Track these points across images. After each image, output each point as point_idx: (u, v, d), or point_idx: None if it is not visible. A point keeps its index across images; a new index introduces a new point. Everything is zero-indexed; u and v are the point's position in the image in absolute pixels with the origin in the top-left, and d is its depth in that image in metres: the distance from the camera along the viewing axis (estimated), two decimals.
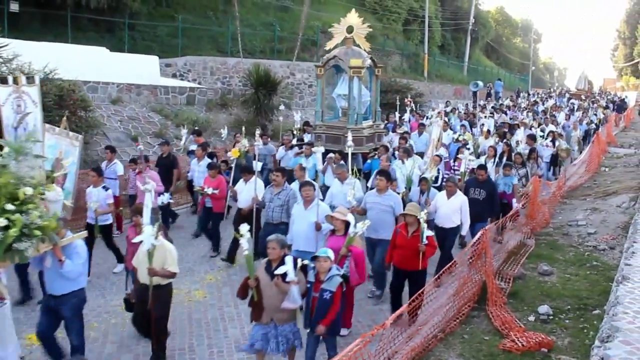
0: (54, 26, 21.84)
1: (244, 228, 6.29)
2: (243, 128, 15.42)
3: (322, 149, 11.89)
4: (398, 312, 6.07)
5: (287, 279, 6.02)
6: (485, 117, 23.51)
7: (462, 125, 19.88)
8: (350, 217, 7.63)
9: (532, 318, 7.65)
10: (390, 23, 40.36)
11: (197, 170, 12.82)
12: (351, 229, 7.35)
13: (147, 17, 26.01)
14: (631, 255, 7.66)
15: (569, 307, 7.96)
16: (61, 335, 6.76)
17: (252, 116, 21.47)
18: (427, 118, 21.84)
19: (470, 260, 8.01)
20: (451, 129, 19.15)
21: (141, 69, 20.26)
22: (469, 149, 13.83)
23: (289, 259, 6.13)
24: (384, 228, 8.55)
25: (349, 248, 7.22)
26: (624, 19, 70.23)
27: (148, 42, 25.24)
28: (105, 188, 10.13)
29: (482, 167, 10.95)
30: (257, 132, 12.58)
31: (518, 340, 6.76)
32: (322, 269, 6.27)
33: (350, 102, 14.59)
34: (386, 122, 19.69)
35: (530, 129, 19.58)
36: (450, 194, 9.56)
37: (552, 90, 59.25)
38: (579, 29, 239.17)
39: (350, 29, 14.70)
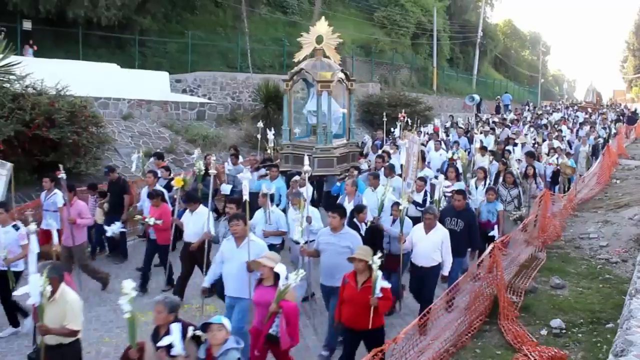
0: (66, 43, 22.08)
1: (128, 285, 5.13)
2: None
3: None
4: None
5: (172, 353, 5.05)
6: (481, 132, 21.78)
7: (456, 142, 18.54)
8: (279, 267, 6.21)
9: (544, 332, 7.61)
10: (398, 37, 40.46)
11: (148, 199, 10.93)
12: (282, 281, 6.07)
13: (157, 33, 26.25)
14: None
15: (582, 320, 7.91)
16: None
17: (262, 131, 21.54)
18: (424, 134, 20.80)
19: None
20: (446, 146, 18.01)
21: (152, 84, 20.42)
22: (456, 169, 12.55)
23: (175, 327, 5.14)
24: (340, 274, 6.81)
25: (279, 304, 6.01)
26: (632, 31, 70.06)
27: (158, 58, 25.45)
28: (16, 227, 8.24)
29: (460, 192, 9.45)
30: (231, 151, 12.29)
31: (531, 354, 6.71)
32: (214, 341, 5.12)
33: (319, 119, 13.11)
34: (375, 139, 19.17)
35: (534, 146, 18.70)
36: (429, 227, 8.18)
37: (561, 102, 59.13)
38: (587, 41, 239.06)
39: (319, 39, 13.25)
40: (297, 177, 11.30)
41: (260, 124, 16.56)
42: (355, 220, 8.65)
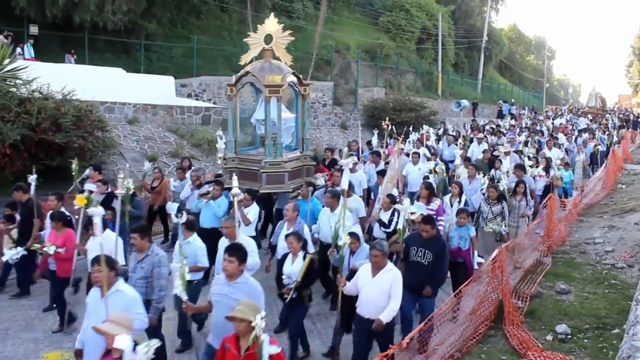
0: (72, 48, 22.18)
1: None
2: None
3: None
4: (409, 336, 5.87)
5: None
6: (471, 140, 20.24)
7: (433, 154, 16.52)
8: (121, 340, 4.67)
9: (549, 337, 7.58)
10: (403, 42, 40.50)
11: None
12: (127, 357, 4.62)
13: (163, 38, 26.36)
14: None
15: (588, 326, 7.88)
16: None
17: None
18: (409, 142, 18.93)
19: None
20: (435, 156, 16.08)
21: (157, 89, 20.50)
22: (429, 186, 10.51)
23: None
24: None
25: None
26: (638, 35, 70.05)
27: (164, 62, 25.53)
28: None
29: (428, 220, 7.62)
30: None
31: (536, 359, 6.70)
32: None
33: (267, 129, 11.17)
34: (351, 149, 17.22)
35: (525, 156, 16.45)
36: (377, 268, 6.56)
37: (567, 106, 58.98)
38: (592, 45, 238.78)
39: (268, 39, 11.54)
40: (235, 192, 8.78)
41: (220, 132, 14.27)
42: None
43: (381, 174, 11.73)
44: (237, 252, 5.84)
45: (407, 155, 15.55)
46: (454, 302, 7.76)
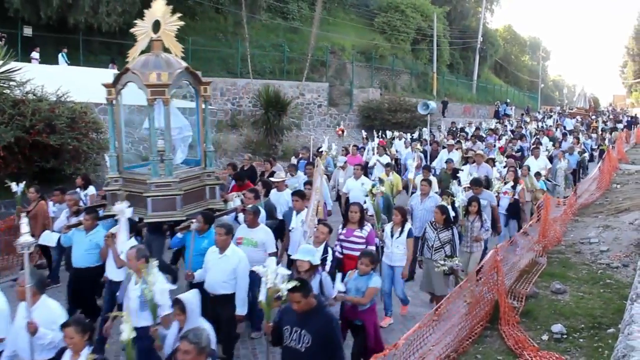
0: (67, 49, 22.13)
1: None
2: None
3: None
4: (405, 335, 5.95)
5: None
6: (443, 147, 18.23)
7: (388, 165, 13.90)
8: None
9: (545, 337, 7.58)
10: (399, 43, 40.56)
11: None
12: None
13: None
14: None
15: (583, 325, 7.89)
16: None
17: (262, 137, 21.59)
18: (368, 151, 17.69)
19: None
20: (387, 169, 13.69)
21: None
22: (360, 210, 8.24)
23: None
24: None
25: None
26: (632, 36, 70.32)
27: None
28: None
29: (298, 287, 5.07)
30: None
31: (532, 359, 6.70)
32: None
33: (151, 140, 8.78)
34: (299, 157, 15.42)
35: (494, 164, 14.63)
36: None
37: (559, 107, 59.07)
38: (587, 46, 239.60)
39: (156, 26, 9.17)
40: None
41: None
42: None
43: (299, 195, 9.01)
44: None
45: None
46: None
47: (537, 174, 14.10)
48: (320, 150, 15.76)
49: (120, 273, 7.01)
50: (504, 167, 14.33)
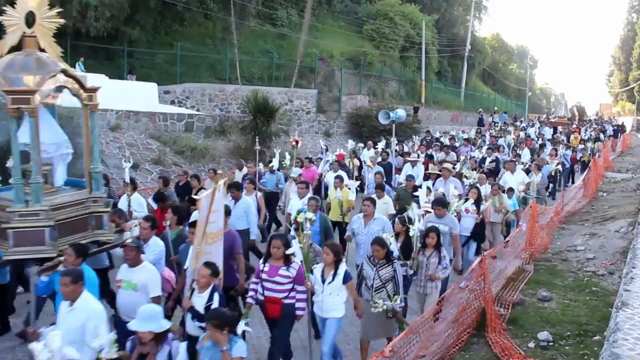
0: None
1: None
2: None
3: None
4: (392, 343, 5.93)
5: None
6: (405, 162, 16.46)
7: (337, 177, 12.06)
8: None
9: (532, 344, 7.59)
10: (387, 50, 40.69)
11: None
12: None
13: (146, 44, 26.24)
14: (630, 281, 7.64)
15: (569, 333, 7.91)
16: None
17: (250, 143, 21.56)
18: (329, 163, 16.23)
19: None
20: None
21: (140, 96, 20.38)
22: (287, 243, 6.84)
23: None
24: None
25: None
26: (618, 45, 70.92)
27: (147, 69, 25.40)
28: None
29: None
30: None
31: None
32: None
33: (14, 161, 6.80)
34: (246, 173, 13.83)
35: (461, 179, 13.66)
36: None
37: (547, 115, 59.34)
38: (574, 55, 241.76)
39: (30, 19, 7.31)
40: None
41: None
42: None
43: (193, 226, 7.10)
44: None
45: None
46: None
47: (510, 190, 12.77)
48: (271, 164, 14.35)
49: None
50: (473, 183, 12.94)
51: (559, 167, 18.73)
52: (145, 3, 24.38)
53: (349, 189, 11.65)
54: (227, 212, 7.91)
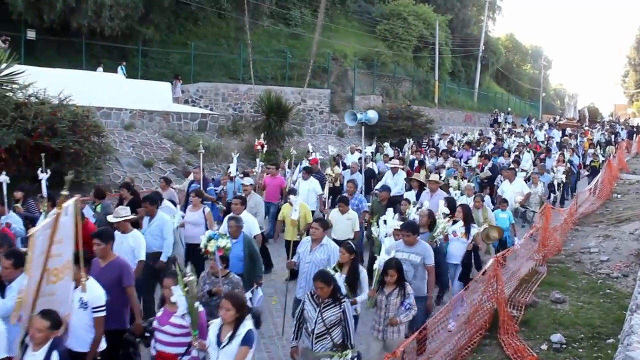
0: (69, 53, 22.21)
1: None
2: None
3: None
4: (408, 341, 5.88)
5: None
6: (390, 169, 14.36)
7: (291, 192, 11.26)
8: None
9: (544, 347, 7.56)
10: (400, 50, 40.58)
11: None
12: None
13: (160, 44, 26.40)
14: None
15: (582, 335, 7.87)
16: None
17: (263, 142, 21.60)
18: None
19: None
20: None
21: (154, 95, 20.49)
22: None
23: None
24: None
25: None
26: (633, 46, 70.34)
27: (161, 68, 25.57)
28: None
29: None
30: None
31: None
32: None
33: None
34: (205, 183, 12.56)
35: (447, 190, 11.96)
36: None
37: (560, 116, 58.84)
38: (589, 55, 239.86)
39: None
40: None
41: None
42: None
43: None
44: None
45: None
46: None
47: (504, 201, 11.70)
48: (229, 171, 13.35)
49: None
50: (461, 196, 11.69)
51: (563, 177, 16.48)
52: (160, 3, 24.55)
53: (304, 204, 9.98)
54: (110, 237, 6.38)
